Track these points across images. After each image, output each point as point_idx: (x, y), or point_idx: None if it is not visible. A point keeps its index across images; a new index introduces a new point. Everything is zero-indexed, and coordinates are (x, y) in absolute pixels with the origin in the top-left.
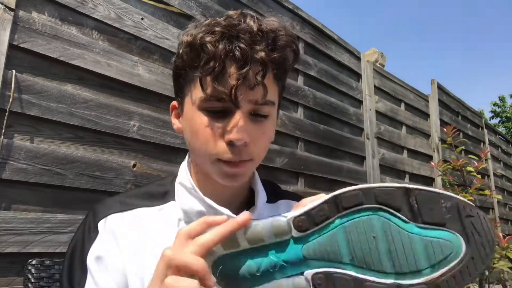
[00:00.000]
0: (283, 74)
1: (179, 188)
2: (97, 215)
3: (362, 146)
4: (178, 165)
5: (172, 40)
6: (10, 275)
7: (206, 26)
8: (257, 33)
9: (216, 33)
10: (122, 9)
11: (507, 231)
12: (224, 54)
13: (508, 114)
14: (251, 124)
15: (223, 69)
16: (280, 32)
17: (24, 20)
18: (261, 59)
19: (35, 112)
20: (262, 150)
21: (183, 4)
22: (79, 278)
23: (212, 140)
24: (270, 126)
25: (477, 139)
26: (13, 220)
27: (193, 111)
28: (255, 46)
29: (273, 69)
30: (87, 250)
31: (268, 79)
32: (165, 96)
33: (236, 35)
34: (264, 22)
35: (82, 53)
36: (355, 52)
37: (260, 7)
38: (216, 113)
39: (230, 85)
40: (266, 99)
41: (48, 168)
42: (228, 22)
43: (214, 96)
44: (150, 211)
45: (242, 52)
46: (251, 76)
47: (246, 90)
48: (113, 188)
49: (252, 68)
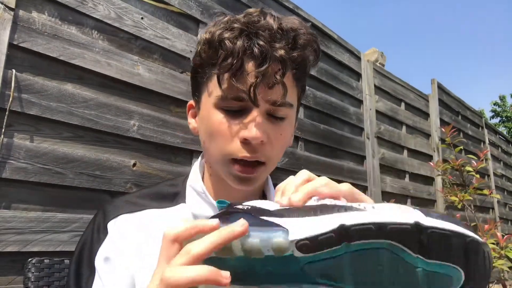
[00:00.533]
0: (303, 74)
1: (190, 191)
2: (107, 215)
3: (362, 145)
4: (178, 165)
5: (172, 40)
6: (10, 274)
7: (225, 23)
8: (277, 31)
9: (235, 30)
10: (122, 8)
11: (507, 230)
12: (243, 51)
13: (508, 113)
14: (268, 124)
15: (241, 66)
16: (300, 31)
17: (24, 20)
18: (281, 57)
19: (35, 112)
20: (278, 153)
21: (183, 4)
22: (87, 278)
23: (227, 138)
24: (287, 128)
25: (477, 138)
26: (13, 219)
27: (210, 109)
28: (274, 43)
29: (292, 69)
30: (96, 250)
31: (287, 79)
32: (165, 95)
33: (255, 32)
34: (284, 21)
35: (82, 53)
36: (355, 52)
37: (260, 7)
38: (233, 112)
39: (249, 83)
40: (285, 99)
41: (48, 167)
42: (247, 19)
43: (231, 94)
44: (160, 213)
45: (261, 49)
46: (270, 74)
47: (265, 89)
48: (113, 187)
49: (271, 66)
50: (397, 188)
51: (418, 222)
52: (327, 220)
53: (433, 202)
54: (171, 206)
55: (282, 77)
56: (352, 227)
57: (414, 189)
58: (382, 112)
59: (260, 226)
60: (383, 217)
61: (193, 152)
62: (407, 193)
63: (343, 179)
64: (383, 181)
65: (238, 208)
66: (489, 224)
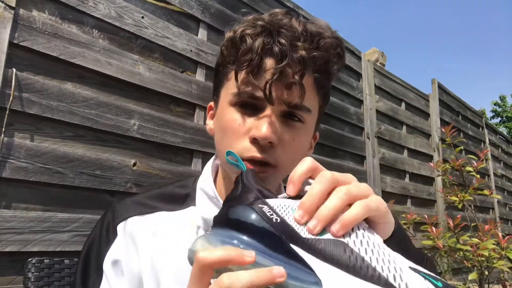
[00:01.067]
0: (325, 80)
1: (200, 194)
2: (117, 216)
3: (362, 145)
4: (179, 164)
5: (172, 39)
6: (10, 274)
7: (249, 21)
8: (301, 33)
9: (257, 27)
10: (123, 7)
11: (507, 231)
12: (262, 48)
13: (509, 113)
14: (282, 127)
15: (260, 63)
16: (325, 34)
17: (25, 19)
18: (301, 57)
19: (36, 111)
20: (290, 158)
21: (183, 3)
22: (94, 280)
23: (238, 136)
24: (303, 134)
25: (477, 139)
26: (13, 219)
27: (225, 107)
28: (296, 43)
29: (314, 72)
30: (104, 252)
31: (307, 82)
32: (165, 95)
33: (278, 30)
34: (309, 23)
35: (83, 52)
36: (355, 52)
37: (261, 6)
38: (247, 110)
39: (266, 79)
40: (302, 102)
41: (49, 167)
42: (271, 18)
43: (247, 91)
44: (170, 216)
45: (281, 47)
46: (289, 73)
47: (282, 88)
48: (113, 187)
49: (291, 65)
50: (397, 188)
51: None
52: None
53: (433, 202)
54: (181, 209)
55: (301, 78)
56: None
57: (414, 189)
58: (382, 112)
59: (292, 266)
60: None
61: (193, 152)
62: (407, 193)
63: None
64: (383, 181)
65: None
66: (489, 224)
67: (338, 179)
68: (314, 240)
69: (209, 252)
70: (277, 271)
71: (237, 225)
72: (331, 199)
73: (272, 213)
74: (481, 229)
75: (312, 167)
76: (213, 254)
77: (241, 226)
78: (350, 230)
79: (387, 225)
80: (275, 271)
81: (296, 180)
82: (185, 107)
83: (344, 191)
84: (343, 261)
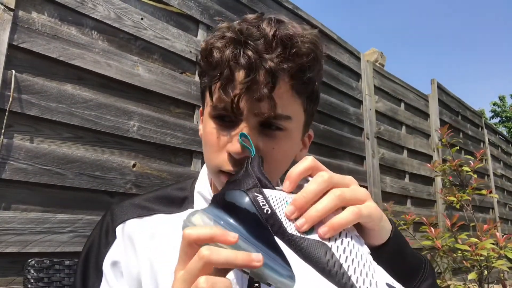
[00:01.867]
0: (303, 86)
1: (198, 197)
2: (116, 219)
3: (362, 146)
4: (178, 165)
5: (172, 40)
6: (10, 274)
7: (219, 30)
8: (271, 39)
9: (225, 39)
10: (122, 9)
11: (507, 230)
12: (231, 60)
13: (508, 113)
14: (259, 136)
15: (230, 76)
16: (299, 39)
17: (24, 20)
18: (270, 69)
19: (35, 112)
20: (271, 167)
21: (182, 4)
22: (93, 282)
23: (216, 150)
24: (285, 141)
25: (477, 139)
26: (13, 220)
27: (206, 118)
28: (264, 54)
29: (289, 80)
30: (103, 254)
31: (283, 91)
32: (165, 96)
33: (245, 41)
34: (282, 28)
35: (82, 53)
36: (355, 52)
37: (260, 7)
38: (224, 123)
39: (233, 94)
40: (276, 113)
41: (48, 168)
42: (240, 27)
43: (220, 105)
44: (168, 218)
45: (248, 60)
46: (257, 87)
47: (253, 101)
48: (113, 188)
49: (260, 77)
50: (397, 188)
51: None
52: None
53: (433, 202)
54: (179, 211)
55: (270, 91)
56: None
57: (414, 189)
58: (382, 112)
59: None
60: None
61: (193, 153)
62: (406, 193)
63: None
64: (383, 181)
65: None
66: (489, 224)
67: (335, 181)
68: (298, 237)
69: (195, 229)
70: (255, 256)
71: (230, 208)
72: (323, 200)
73: (265, 203)
74: (479, 228)
75: (311, 166)
76: (198, 231)
77: (233, 209)
78: (337, 234)
79: (380, 232)
80: (253, 256)
81: (293, 178)
82: (185, 108)
83: (338, 194)
84: (321, 263)
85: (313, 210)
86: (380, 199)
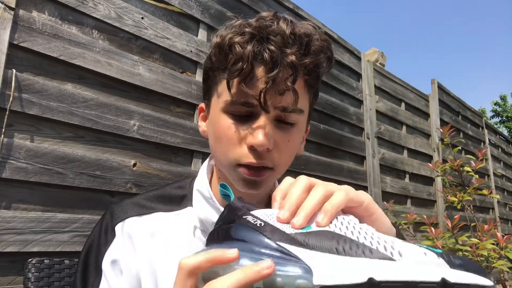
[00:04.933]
0: (315, 81)
1: (197, 195)
2: (115, 217)
3: (362, 145)
4: (178, 165)
5: (172, 40)
6: (10, 274)
7: (236, 27)
8: (289, 36)
9: (246, 34)
10: (123, 8)
11: (507, 231)
12: (253, 56)
13: (509, 113)
14: (276, 131)
15: (251, 72)
16: (314, 37)
17: (24, 19)
18: (292, 63)
19: (35, 111)
20: (285, 159)
21: (183, 4)
22: (93, 280)
23: (234, 143)
24: (296, 135)
25: (477, 139)
26: (13, 219)
27: (218, 114)
28: (285, 49)
29: (304, 75)
30: (103, 252)
31: (298, 85)
32: (165, 95)
33: (266, 37)
34: (297, 26)
35: (83, 53)
36: (355, 52)
37: (260, 7)
38: (241, 117)
39: (259, 88)
40: (296, 106)
41: (48, 168)
42: (259, 24)
43: (241, 99)
44: (167, 216)
45: (271, 55)
46: (281, 80)
47: (275, 95)
48: (113, 187)
49: (282, 72)
50: (397, 188)
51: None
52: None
53: (433, 202)
54: (178, 209)
55: (293, 84)
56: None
57: (414, 189)
58: (382, 112)
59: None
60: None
61: (193, 152)
62: (407, 193)
63: (343, 179)
64: (383, 181)
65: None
66: (489, 224)
67: (313, 181)
68: (298, 233)
69: (191, 257)
70: (264, 264)
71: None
72: (310, 195)
73: (255, 219)
74: (480, 229)
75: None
76: (196, 258)
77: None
78: (335, 219)
79: (377, 219)
80: (261, 264)
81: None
82: (185, 107)
83: (322, 187)
84: (331, 245)
85: (304, 206)
86: (380, 199)
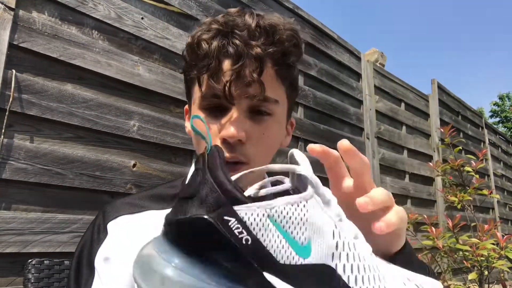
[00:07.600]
0: (286, 70)
1: None
2: (107, 216)
3: (362, 146)
4: (178, 165)
5: (172, 40)
6: (10, 275)
7: (204, 25)
8: (255, 29)
9: (212, 31)
10: (122, 8)
11: (507, 231)
12: (218, 51)
13: (508, 113)
14: (250, 123)
15: (218, 66)
16: (279, 27)
17: (24, 20)
18: (257, 55)
19: (35, 112)
20: (262, 152)
21: (183, 4)
22: (86, 278)
23: None
24: (273, 126)
25: (477, 139)
26: (13, 220)
27: (195, 111)
28: (250, 41)
29: (273, 65)
30: (96, 250)
31: (268, 76)
32: (165, 95)
33: (231, 31)
34: (263, 18)
35: (82, 53)
36: (355, 52)
37: (260, 7)
38: (214, 111)
39: (224, 81)
40: (264, 95)
41: (48, 168)
42: (225, 19)
43: (209, 93)
44: (159, 214)
45: (236, 48)
46: (247, 72)
47: (243, 86)
48: (113, 188)
49: (248, 64)
50: (397, 188)
51: None
52: None
53: (433, 202)
54: (169, 207)
55: (259, 75)
56: None
57: (414, 189)
58: (382, 112)
59: None
60: None
61: (193, 153)
62: (407, 193)
63: None
64: (383, 181)
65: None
66: (489, 224)
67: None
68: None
69: None
70: None
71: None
72: None
73: (241, 229)
74: (480, 229)
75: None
76: None
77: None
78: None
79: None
80: None
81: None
82: None
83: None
84: None
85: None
86: None
